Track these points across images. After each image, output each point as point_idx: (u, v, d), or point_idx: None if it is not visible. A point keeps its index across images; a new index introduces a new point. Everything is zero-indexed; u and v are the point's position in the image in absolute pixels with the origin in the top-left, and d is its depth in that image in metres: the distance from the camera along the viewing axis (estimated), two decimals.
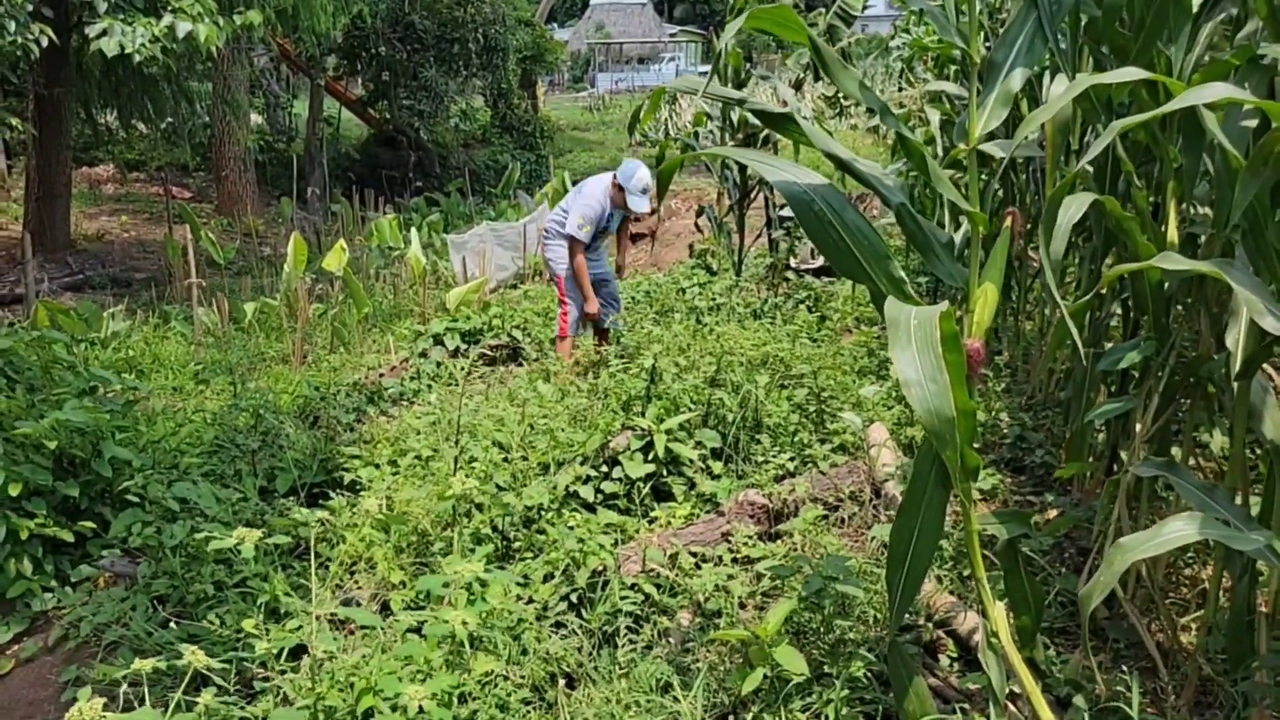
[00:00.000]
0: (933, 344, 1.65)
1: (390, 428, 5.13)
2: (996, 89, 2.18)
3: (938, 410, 1.62)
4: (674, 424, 4.15)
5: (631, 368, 4.75)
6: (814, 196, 2.21)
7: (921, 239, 2.30)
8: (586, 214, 6.31)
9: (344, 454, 4.48)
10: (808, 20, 10.42)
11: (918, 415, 1.65)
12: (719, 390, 4.60)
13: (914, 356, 1.66)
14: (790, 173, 2.26)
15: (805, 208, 2.21)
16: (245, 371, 9.24)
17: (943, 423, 1.61)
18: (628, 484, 4.05)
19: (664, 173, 2.40)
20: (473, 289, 9.99)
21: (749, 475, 4.31)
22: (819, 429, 4.70)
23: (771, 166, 2.24)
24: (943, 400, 1.62)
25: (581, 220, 6.30)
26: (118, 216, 17.76)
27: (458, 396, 5.80)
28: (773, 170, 2.24)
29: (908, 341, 1.68)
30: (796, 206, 2.22)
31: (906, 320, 1.72)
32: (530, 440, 4.37)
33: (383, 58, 20.33)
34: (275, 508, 4.09)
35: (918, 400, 1.65)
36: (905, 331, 1.70)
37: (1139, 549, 1.81)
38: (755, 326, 6.80)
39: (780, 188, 2.23)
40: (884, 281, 2.21)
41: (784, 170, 2.26)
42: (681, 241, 12.58)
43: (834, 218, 2.20)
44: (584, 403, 4.78)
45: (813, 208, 2.21)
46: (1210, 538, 1.80)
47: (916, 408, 1.65)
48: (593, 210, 6.31)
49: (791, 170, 2.27)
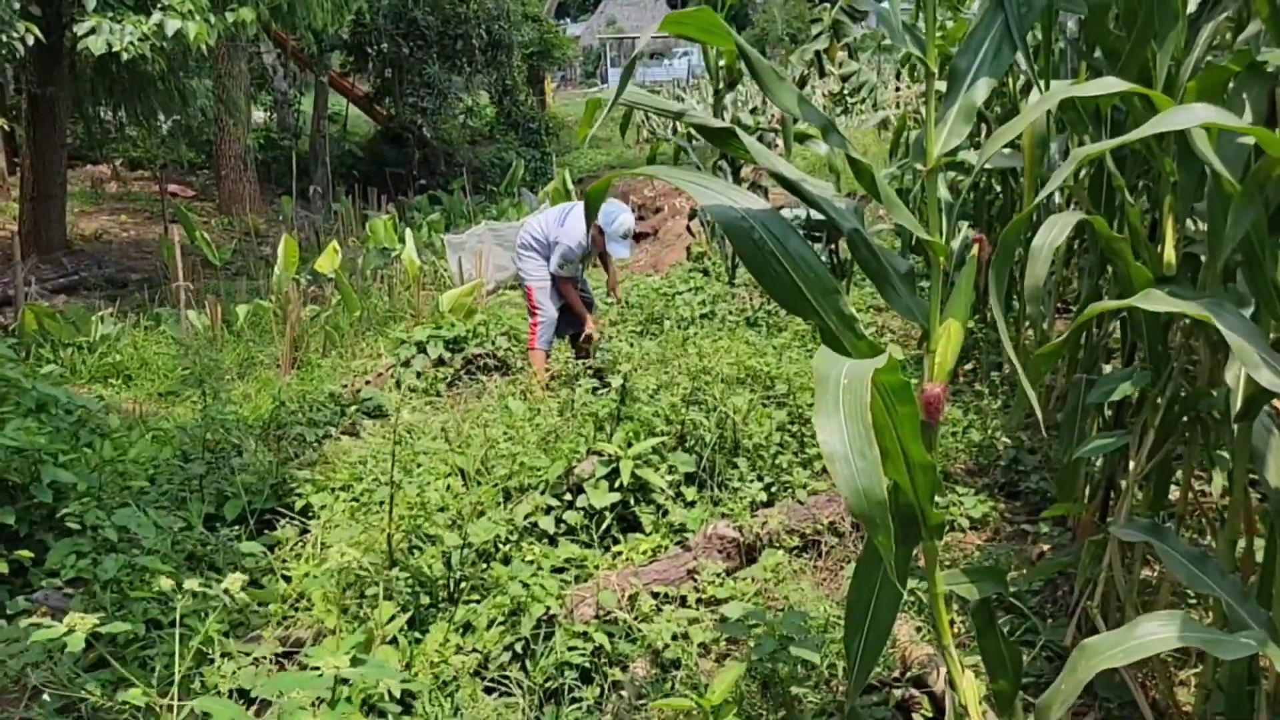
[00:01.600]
0: (861, 411, 1.39)
1: (355, 446, 4.90)
2: (958, 102, 1.92)
3: (866, 491, 1.36)
4: (644, 448, 3.90)
5: (602, 386, 4.51)
6: (752, 223, 1.96)
7: (876, 268, 2.05)
8: (568, 255, 6.18)
9: (297, 478, 4.25)
10: (814, 14, 10.15)
11: (844, 495, 1.40)
12: (695, 410, 4.35)
13: (840, 424, 1.39)
14: (726, 195, 2.00)
15: (743, 236, 1.96)
16: (232, 378, 9.08)
17: (872, 505, 1.35)
18: (592, 514, 3.81)
19: (591, 194, 2.15)
20: (466, 292, 9.76)
21: (723, 502, 4.06)
22: (800, 451, 4.44)
23: (704, 189, 1.98)
24: (871, 479, 1.36)
25: (563, 261, 6.18)
26: (117, 216, 17.60)
27: (420, 413, 5.59)
28: (706, 193, 1.98)
29: (834, 406, 1.41)
30: (733, 235, 1.97)
31: (836, 378, 1.46)
32: (493, 464, 4.13)
33: (386, 54, 20.12)
34: (219, 538, 3.86)
35: (843, 479, 1.38)
36: (833, 393, 1.43)
37: (1106, 654, 1.55)
38: (744, 337, 6.54)
39: (714, 214, 1.97)
40: (833, 319, 1.96)
41: (719, 193, 2.01)
42: (682, 241, 12.29)
43: (775, 247, 1.95)
44: (554, 422, 4.54)
45: (751, 236, 1.95)
46: (1190, 644, 1.54)
47: (841, 487, 1.40)
48: (573, 252, 6.19)
49: (727, 193, 2.01)
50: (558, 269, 6.17)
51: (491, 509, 3.79)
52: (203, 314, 10.57)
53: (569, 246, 6.11)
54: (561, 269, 6.16)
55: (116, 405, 7.98)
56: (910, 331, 7.60)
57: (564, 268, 6.16)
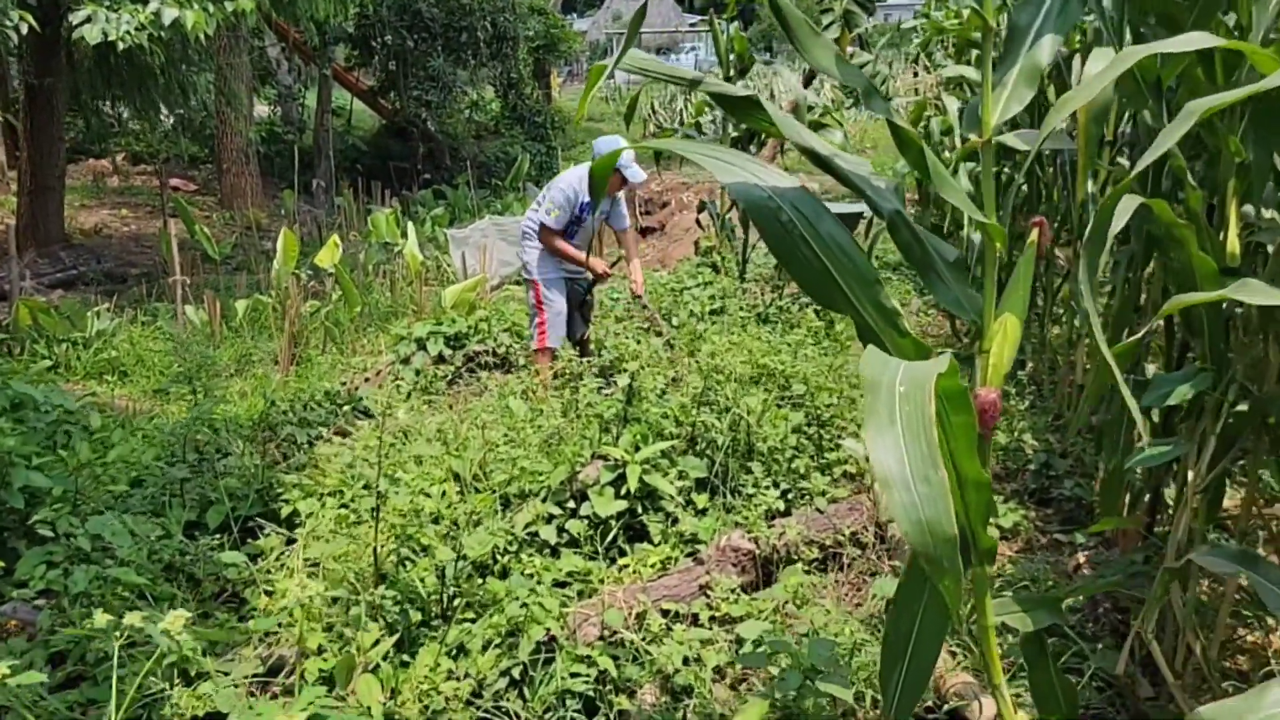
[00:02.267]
0: (924, 425, 1.14)
1: (348, 448, 4.64)
2: (1019, 63, 1.67)
3: (931, 524, 1.10)
4: (652, 453, 3.65)
5: (608, 386, 4.25)
6: (780, 203, 1.71)
7: (921, 255, 1.79)
8: (557, 199, 5.88)
9: (284, 482, 4.00)
10: (824, 4, 9.87)
11: (902, 528, 1.14)
12: (707, 411, 4.09)
13: (897, 441, 1.14)
14: (750, 172, 1.75)
15: (769, 217, 1.70)
16: (230, 374, 8.87)
17: (939, 541, 1.10)
18: (597, 523, 3.55)
19: (597, 169, 1.91)
20: (469, 287, 9.52)
21: (737, 510, 3.80)
22: (818, 455, 4.18)
23: (725, 163, 1.73)
24: (938, 509, 1.10)
25: (551, 205, 5.88)
26: (118, 210, 17.38)
27: (417, 413, 5.33)
28: (727, 168, 1.73)
29: (889, 418, 1.16)
30: (759, 216, 1.71)
31: (890, 384, 1.20)
32: (492, 468, 3.88)
33: (390, 47, 19.87)
34: (199, 547, 3.62)
35: (901, 508, 1.13)
36: (887, 402, 1.18)
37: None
38: (756, 333, 6.29)
39: (736, 193, 1.72)
40: (871, 312, 1.70)
41: (741, 169, 1.75)
42: (689, 236, 12.03)
43: (805, 230, 1.70)
44: (557, 424, 4.28)
45: (779, 217, 1.70)
46: None
47: (899, 517, 1.14)
48: (563, 195, 5.88)
49: (751, 169, 1.76)
50: (545, 215, 5.89)
51: (489, 517, 3.55)
52: (201, 309, 10.34)
53: (559, 190, 5.91)
54: (549, 216, 5.87)
55: (109, 402, 7.77)
56: (928, 328, 7.33)
57: (552, 214, 5.87)
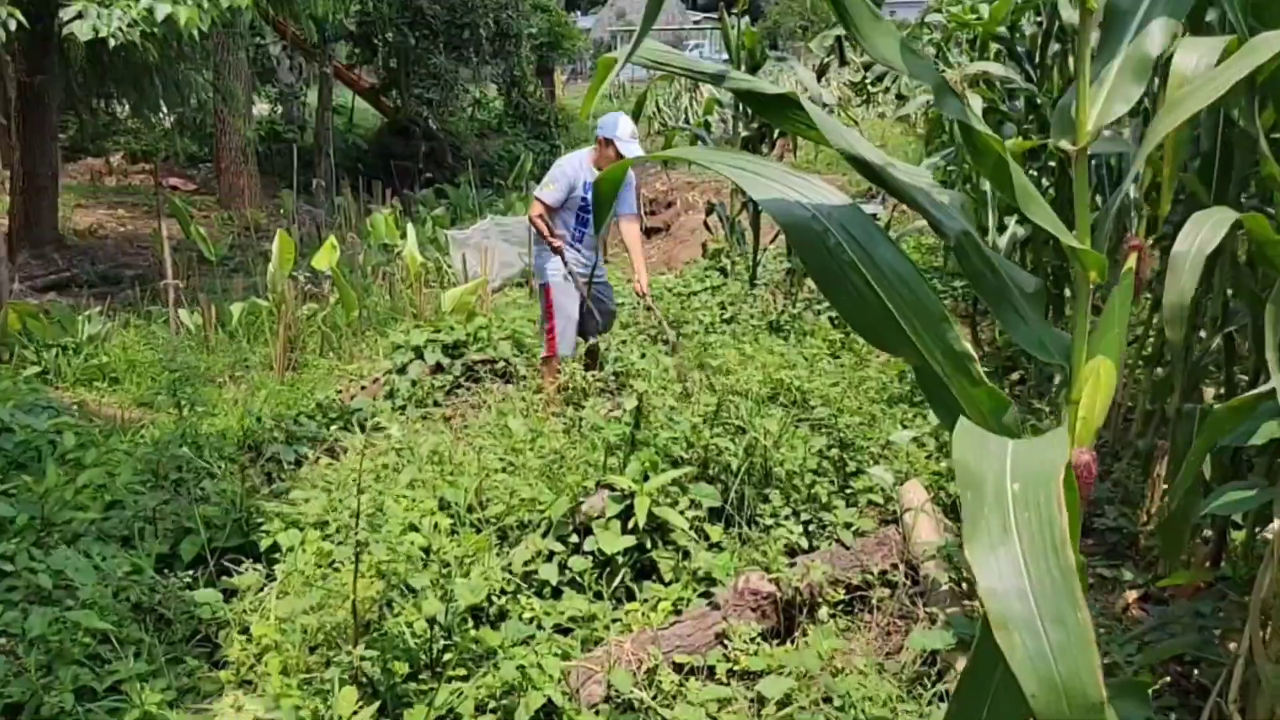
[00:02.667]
0: (1056, 543, 0.83)
1: (335, 469, 4.34)
2: (1122, 53, 1.37)
3: (1067, 684, 0.79)
4: (663, 482, 3.35)
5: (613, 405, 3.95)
6: (827, 224, 1.40)
7: (994, 285, 1.49)
8: (554, 174, 5.62)
9: (265, 511, 3.71)
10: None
11: (1026, 687, 0.83)
12: (720, 433, 3.79)
13: (1017, 565, 0.83)
14: (788, 186, 1.45)
15: (813, 242, 1.40)
16: (223, 381, 8.60)
17: (1078, 709, 0.79)
18: (602, 560, 3.26)
19: (604, 183, 1.61)
20: (470, 290, 9.23)
21: (754, 542, 3.51)
22: (840, 479, 3.88)
23: (757, 177, 1.43)
24: (1080, 664, 0.79)
25: (549, 179, 5.62)
26: (114, 210, 17.10)
27: (410, 428, 5.03)
28: (760, 183, 1.42)
29: (1001, 530, 0.85)
30: (801, 240, 1.41)
31: (998, 479, 0.90)
32: (488, 496, 3.58)
33: (392, 44, 19.58)
34: (171, 585, 3.33)
35: (1027, 660, 0.80)
36: (997, 506, 0.87)
37: None
38: (769, 344, 5.99)
39: (774, 212, 1.41)
40: (938, 357, 1.40)
41: (778, 183, 1.45)
42: (696, 238, 11.71)
43: (857, 256, 1.39)
44: (559, 446, 3.99)
45: (825, 242, 1.39)
46: None
47: (1023, 672, 0.82)
48: (561, 171, 5.60)
49: (790, 183, 1.46)
50: (540, 190, 5.63)
51: (485, 553, 3.25)
52: (196, 313, 10.05)
53: (559, 168, 5.64)
54: (544, 190, 5.60)
55: (97, 410, 7.50)
56: None
57: (547, 188, 5.59)
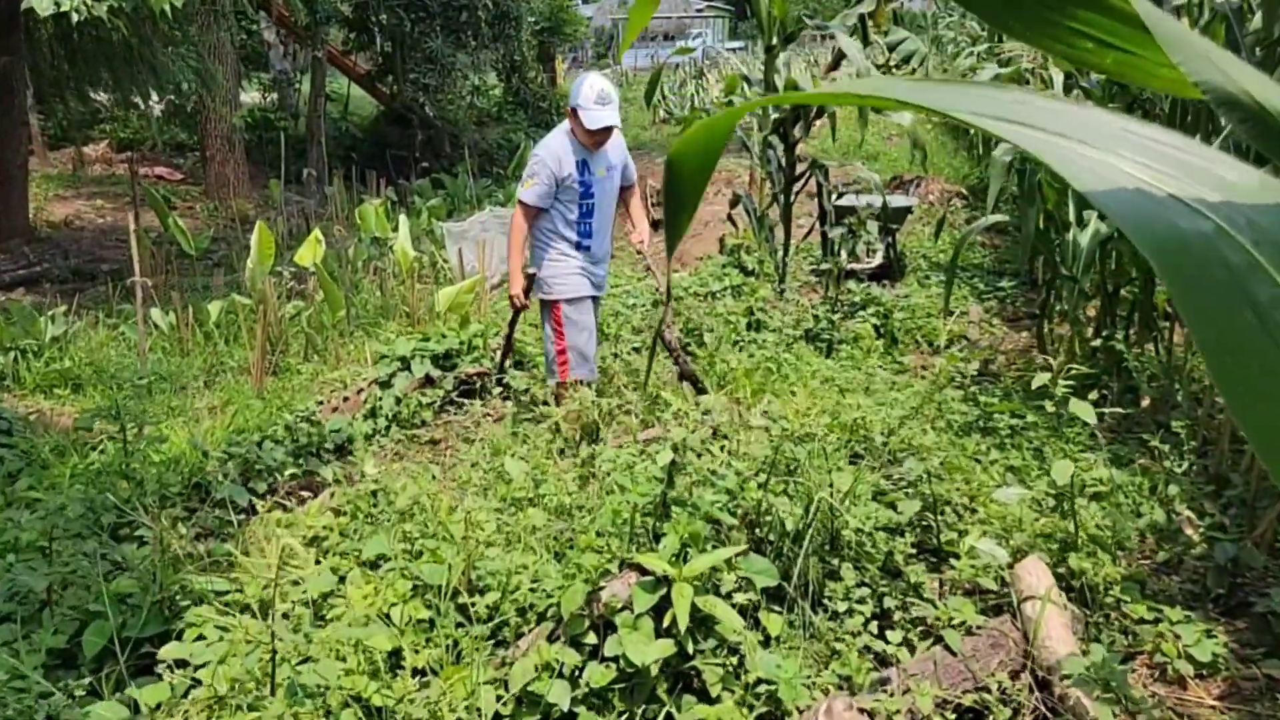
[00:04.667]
0: None
1: (289, 525, 3.51)
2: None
3: None
4: (707, 565, 2.53)
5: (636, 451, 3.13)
6: (1250, 250, 0.59)
7: None
8: (531, 167, 4.65)
9: (193, 589, 2.90)
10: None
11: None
12: (775, 489, 2.97)
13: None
14: (1134, 158, 0.63)
15: (1198, 262, 0.58)
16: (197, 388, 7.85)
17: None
18: (628, 673, 2.45)
19: (677, 154, 0.80)
20: (466, 289, 8.45)
21: (823, 635, 2.70)
22: (937, 560, 3.06)
23: (1063, 140, 0.62)
24: None
25: (527, 174, 4.66)
26: (93, 201, 16.26)
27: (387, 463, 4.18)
28: (1070, 153, 0.62)
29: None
30: (1169, 259, 0.59)
31: None
32: (479, 574, 2.77)
33: (387, 28, 18.70)
34: (59, 701, 2.52)
35: None
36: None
37: None
38: (808, 358, 5.18)
39: (1119, 214, 0.60)
40: None
41: (1094, 145, 0.64)
42: (709, 231, 10.89)
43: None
44: (569, 498, 3.18)
45: (1247, 289, 0.58)
46: None
47: None
48: (539, 161, 4.62)
49: (1134, 146, 0.64)
50: (520, 190, 4.73)
51: (472, 665, 2.44)
52: (170, 312, 9.24)
53: (535, 158, 4.67)
54: (523, 188, 4.68)
55: (53, 421, 6.73)
56: (998, 343, 6.18)
57: (526, 184, 4.65)
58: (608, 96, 4.49)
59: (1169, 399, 4.38)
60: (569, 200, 4.67)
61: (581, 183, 4.64)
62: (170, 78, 12.58)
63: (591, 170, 4.67)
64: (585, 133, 4.53)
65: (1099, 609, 2.82)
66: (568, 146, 4.61)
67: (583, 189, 4.66)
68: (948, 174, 12.65)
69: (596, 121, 4.45)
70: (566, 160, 4.59)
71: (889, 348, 5.66)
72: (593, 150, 4.63)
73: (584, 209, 4.71)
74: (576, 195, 4.66)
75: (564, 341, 4.73)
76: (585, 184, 4.66)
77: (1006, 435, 4.15)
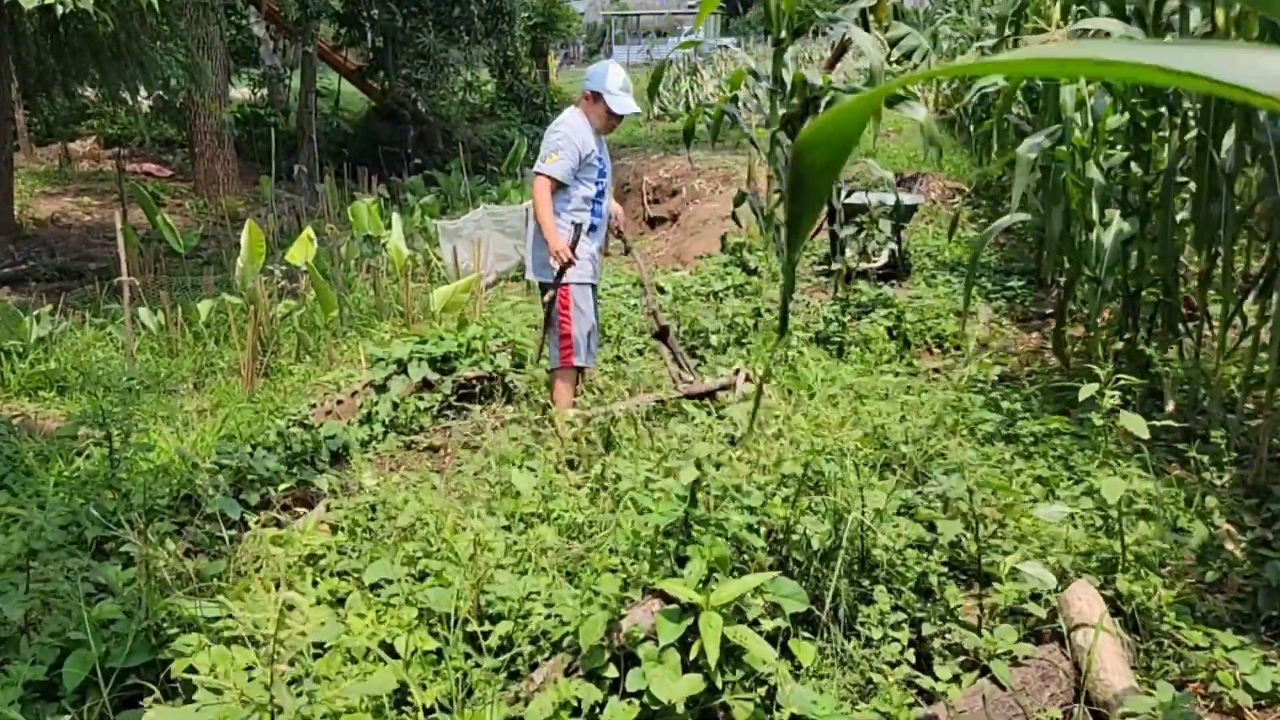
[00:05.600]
0: None
1: (284, 542, 3.31)
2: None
3: None
4: (736, 593, 2.35)
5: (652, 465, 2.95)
6: None
7: None
8: (556, 142, 4.61)
9: (181, 614, 2.70)
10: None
11: None
12: (801, 506, 2.79)
13: None
14: None
15: None
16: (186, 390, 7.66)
17: None
18: (654, 706, 2.27)
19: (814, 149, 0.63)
20: (461, 288, 8.28)
21: (857, 663, 2.52)
22: (955, 561, 2.89)
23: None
24: None
25: (549, 148, 4.61)
26: (80, 198, 15.97)
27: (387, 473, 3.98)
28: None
29: None
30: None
31: None
32: (489, 600, 2.58)
33: (378, 23, 18.44)
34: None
35: None
36: None
37: None
38: (820, 360, 5.00)
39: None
40: None
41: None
42: (709, 229, 10.72)
43: None
44: (583, 514, 2.99)
45: None
46: None
47: None
48: (563, 136, 4.60)
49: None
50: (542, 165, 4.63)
51: (487, 692, 2.26)
52: (158, 311, 9.02)
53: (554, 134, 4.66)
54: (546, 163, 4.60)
55: (38, 425, 6.53)
56: (1010, 344, 6.01)
57: (549, 160, 4.59)
58: (629, 86, 4.70)
59: (1196, 405, 4.22)
60: (587, 179, 4.72)
61: (600, 159, 4.76)
62: (158, 73, 12.34)
63: (604, 152, 4.81)
64: (608, 117, 4.67)
65: (1149, 635, 2.65)
66: (586, 126, 4.70)
67: (601, 166, 4.76)
68: (948, 170, 12.49)
69: (624, 107, 4.66)
70: (588, 138, 4.67)
71: (901, 350, 5.49)
72: (604, 134, 4.80)
73: (600, 188, 4.78)
74: (595, 174, 4.73)
75: (570, 326, 4.69)
76: (603, 162, 4.79)
77: (1030, 443, 3.99)
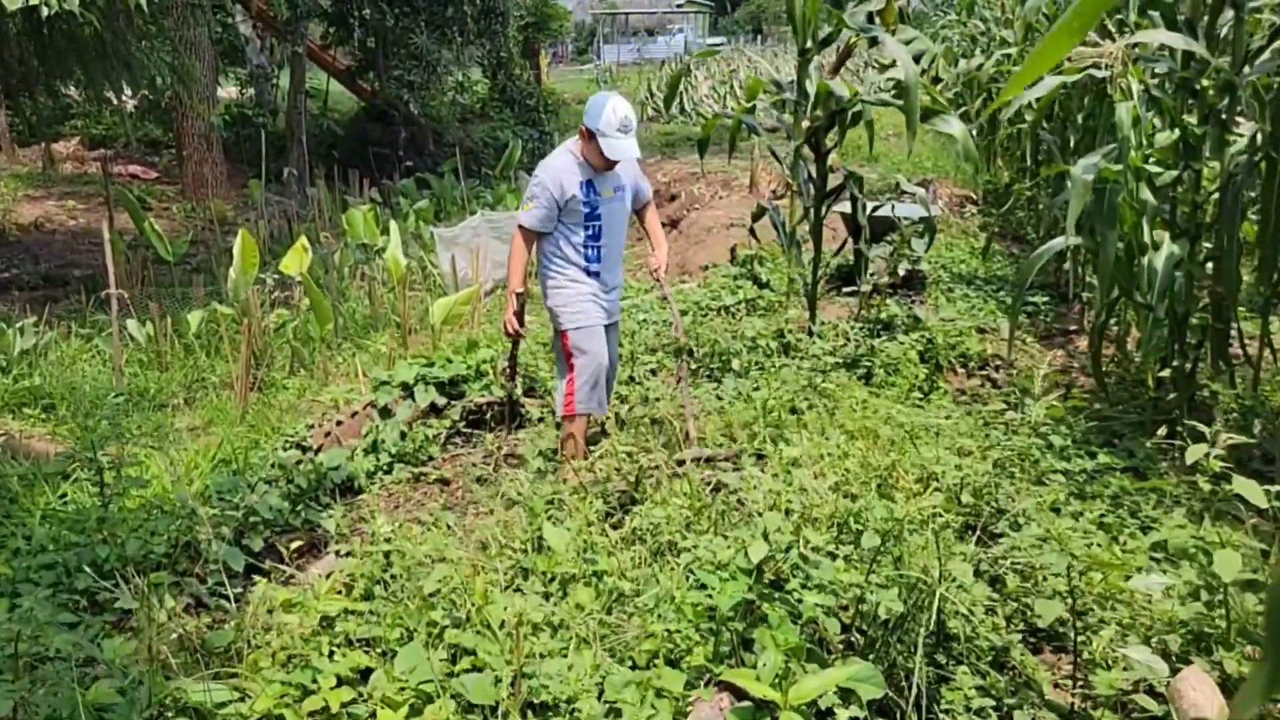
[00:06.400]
0: None
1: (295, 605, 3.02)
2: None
3: None
4: (817, 690, 2.09)
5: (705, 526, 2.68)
6: None
7: None
8: (533, 190, 4.34)
9: (188, 699, 2.42)
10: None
11: None
12: (879, 579, 2.53)
13: None
14: None
15: None
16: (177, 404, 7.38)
17: None
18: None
19: None
20: (462, 300, 8.02)
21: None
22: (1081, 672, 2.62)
23: None
24: None
25: (526, 196, 4.35)
26: (64, 202, 15.58)
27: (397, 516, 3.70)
28: None
29: None
30: None
31: None
32: (532, 689, 2.31)
33: (369, 22, 18.11)
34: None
35: None
36: None
37: None
38: (851, 387, 4.75)
39: None
40: None
41: None
42: (713, 238, 10.46)
43: None
44: (628, 580, 2.73)
45: None
46: None
47: None
48: (539, 183, 4.31)
49: None
50: (520, 213, 4.41)
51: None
52: (147, 323, 8.70)
53: (537, 178, 4.35)
54: (523, 211, 4.38)
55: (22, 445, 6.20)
56: (1039, 363, 5.75)
57: (526, 207, 4.35)
58: (629, 124, 4.24)
59: (1259, 441, 3.98)
60: (573, 223, 4.36)
61: (587, 204, 4.33)
62: (145, 72, 11.98)
63: (598, 191, 4.36)
64: (602, 158, 4.24)
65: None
66: (572, 166, 4.32)
67: (588, 210, 4.34)
68: (954, 178, 12.29)
69: (617, 152, 4.20)
70: (570, 181, 4.28)
71: (932, 374, 5.25)
72: (600, 171, 4.34)
73: (591, 231, 4.39)
74: (581, 217, 4.34)
75: (574, 372, 4.37)
76: (591, 205, 4.34)
77: (1083, 480, 3.75)
